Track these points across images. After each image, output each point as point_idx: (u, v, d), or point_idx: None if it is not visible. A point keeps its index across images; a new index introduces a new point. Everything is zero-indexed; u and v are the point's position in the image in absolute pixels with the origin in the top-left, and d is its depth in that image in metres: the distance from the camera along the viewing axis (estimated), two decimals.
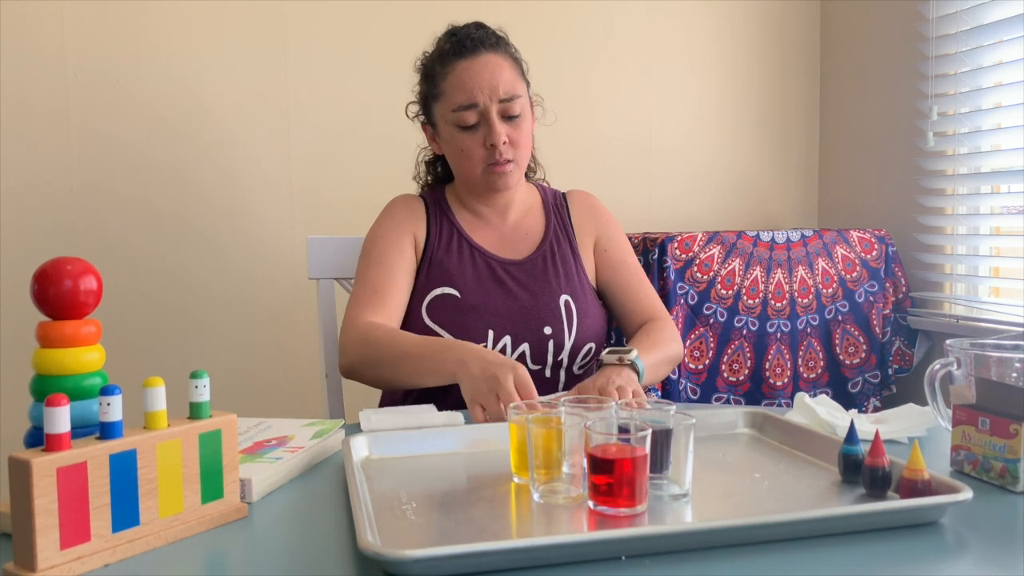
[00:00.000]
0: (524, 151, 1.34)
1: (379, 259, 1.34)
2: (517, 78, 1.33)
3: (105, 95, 1.99)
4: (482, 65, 1.30)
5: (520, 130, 1.32)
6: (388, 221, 1.38)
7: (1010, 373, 0.92)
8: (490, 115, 1.29)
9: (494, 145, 1.29)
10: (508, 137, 1.30)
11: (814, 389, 2.05)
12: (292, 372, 2.13)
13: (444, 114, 1.32)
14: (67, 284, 0.75)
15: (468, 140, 1.31)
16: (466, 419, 1.09)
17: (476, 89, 1.28)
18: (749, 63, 2.48)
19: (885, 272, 2.10)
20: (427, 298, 1.32)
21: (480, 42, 1.31)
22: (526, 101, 1.34)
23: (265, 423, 1.03)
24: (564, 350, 1.33)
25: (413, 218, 1.38)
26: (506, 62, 1.32)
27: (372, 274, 1.33)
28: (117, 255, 2.01)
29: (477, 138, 1.30)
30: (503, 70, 1.31)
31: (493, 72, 1.30)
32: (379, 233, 1.37)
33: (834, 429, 0.99)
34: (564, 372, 1.35)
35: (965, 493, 0.72)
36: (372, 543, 0.64)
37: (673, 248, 1.94)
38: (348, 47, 2.15)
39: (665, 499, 0.79)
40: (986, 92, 1.97)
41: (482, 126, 1.30)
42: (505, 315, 1.31)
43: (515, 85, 1.31)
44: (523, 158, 1.35)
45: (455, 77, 1.30)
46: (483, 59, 1.30)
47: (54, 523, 0.63)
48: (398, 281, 1.32)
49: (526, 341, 1.31)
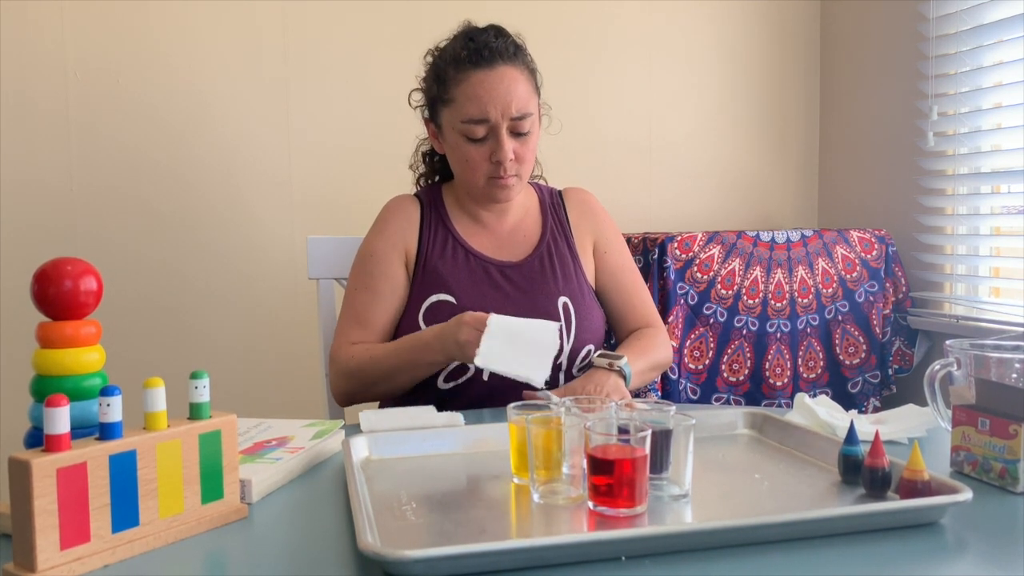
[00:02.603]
0: (528, 165, 1.33)
1: (366, 283, 1.34)
2: (531, 93, 1.30)
3: (105, 95, 1.99)
4: (498, 79, 1.26)
5: (527, 146, 1.30)
6: (380, 235, 1.37)
7: (1010, 374, 0.92)
8: (500, 132, 1.27)
9: (500, 162, 1.28)
10: (515, 153, 1.29)
11: (814, 389, 2.05)
12: (292, 372, 2.13)
13: (452, 122, 1.30)
14: (67, 284, 0.75)
15: (474, 152, 1.29)
16: (466, 420, 1.09)
17: (489, 104, 1.26)
18: (749, 63, 2.48)
19: (885, 272, 2.10)
20: (424, 305, 1.32)
21: (498, 53, 1.28)
22: (536, 117, 1.32)
23: (265, 423, 1.03)
24: (563, 353, 1.32)
25: (406, 226, 1.37)
26: (522, 75, 1.30)
27: (358, 300, 1.34)
28: (117, 255, 2.01)
29: (484, 151, 1.29)
30: (518, 85, 1.28)
31: (509, 88, 1.26)
32: (368, 251, 1.37)
33: (834, 430, 0.99)
34: (563, 375, 1.34)
35: (965, 494, 0.72)
36: (372, 543, 0.64)
37: (673, 248, 1.94)
38: (348, 47, 2.15)
39: (665, 500, 0.80)
40: (986, 92, 1.97)
41: (490, 140, 1.28)
42: None
43: (528, 102, 1.28)
44: (527, 172, 1.34)
45: (469, 88, 1.27)
46: (499, 72, 1.27)
47: (54, 523, 0.63)
48: (385, 304, 1.34)
49: None
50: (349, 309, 1.35)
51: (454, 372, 1.29)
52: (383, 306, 1.33)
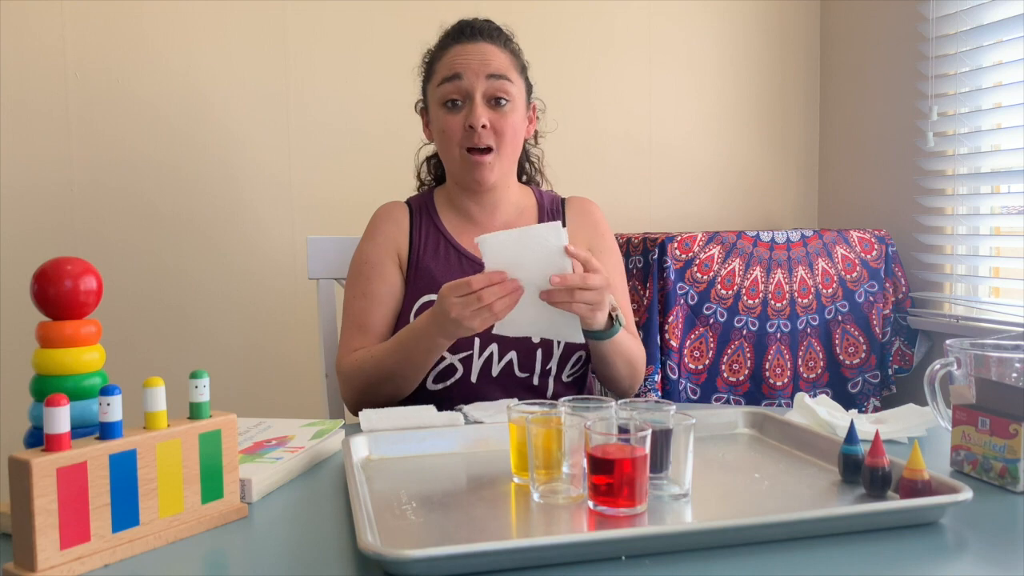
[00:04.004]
0: (508, 145, 1.30)
1: (363, 290, 1.34)
2: (512, 66, 1.31)
3: (105, 95, 1.99)
4: (476, 48, 1.29)
5: (505, 119, 1.28)
6: (370, 243, 1.37)
7: (1010, 373, 0.92)
8: (474, 94, 1.27)
9: (472, 127, 1.26)
10: (491, 123, 1.27)
11: (814, 389, 2.05)
12: (292, 372, 2.13)
13: (432, 92, 1.32)
14: (67, 284, 0.75)
15: (450, 119, 1.29)
16: (466, 419, 1.09)
17: (464, 65, 1.28)
18: (749, 63, 2.48)
19: (885, 272, 2.10)
20: (415, 306, 1.31)
21: (480, 31, 1.31)
22: (518, 92, 1.31)
23: (265, 423, 1.03)
24: (553, 358, 1.30)
25: (395, 231, 1.37)
26: (503, 53, 1.31)
27: (357, 307, 1.34)
28: (117, 255, 2.01)
29: (459, 119, 1.28)
30: (497, 55, 1.30)
31: (485, 55, 1.29)
32: (362, 259, 1.37)
33: (834, 429, 0.99)
34: (553, 380, 1.32)
35: (965, 493, 0.72)
36: (372, 543, 0.64)
37: (673, 248, 1.94)
38: (348, 47, 2.15)
39: (665, 499, 0.79)
40: (986, 92, 1.97)
41: (465, 107, 1.28)
42: None
43: (507, 69, 1.30)
44: (507, 152, 1.30)
45: (447, 57, 1.30)
46: (479, 45, 1.30)
47: (54, 523, 0.63)
48: (384, 308, 1.33)
49: (513, 349, 1.29)
50: (349, 318, 1.34)
51: (442, 373, 1.28)
52: (382, 310, 1.33)
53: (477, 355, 1.28)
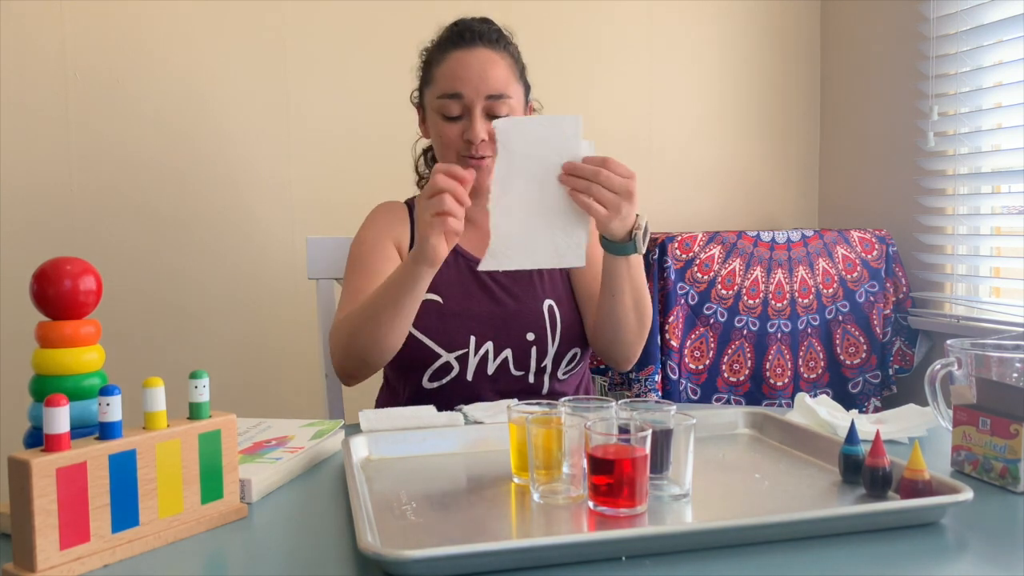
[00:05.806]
0: None
1: (363, 265, 1.33)
2: (511, 78, 1.30)
3: (105, 95, 1.99)
4: (475, 58, 1.28)
5: None
6: (370, 229, 1.38)
7: (1011, 373, 0.92)
8: (473, 110, 1.27)
9: (470, 141, 1.27)
10: (489, 135, 1.27)
11: (814, 389, 2.05)
12: (292, 372, 2.13)
13: (431, 101, 1.32)
14: (67, 284, 0.75)
15: (448, 129, 1.29)
16: (466, 419, 1.09)
17: (464, 80, 1.27)
18: (749, 63, 2.48)
19: (886, 272, 2.10)
20: None
21: (479, 35, 1.30)
22: (517, 103, 1.31)
23: (265, 423, 1.02)
24: (548, 356, 1.31)
25: (395, 225, 1.37)
26: (502, 60, 1.30)
27: (356, 280, 1.32)
28: (117, 255, 2.01)
29: (457, 129, 1.28)
30: (496, 67, 1.28)
31: (484, 67, 1.27)
32: (361, 240, 1.37)
33: (834, 429, 0.99)
34: (548, 378, 1.32)
35: (965, 493, 0.72)
36: (372, 543, 0.64)
37: (673, 248, 1.94)
38: (347, 47, 2.15)
39: (665, 499, 0.79)
40: (986, 92, 1.97)
41: (464, 119, 1.28)
42: (487, 321, 1.30)
43: (506, 85, 1.28)
44: None
45: (447, 66, 1.29)
46: (478, 52, 1.29)
47: (54, 523, 0.63)
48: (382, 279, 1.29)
49: (508, 347, 1.29)
50: (346, 294, 1.32)
51: (438, 372, 1.28)
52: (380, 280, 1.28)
53: (472, 353, 1.29)
